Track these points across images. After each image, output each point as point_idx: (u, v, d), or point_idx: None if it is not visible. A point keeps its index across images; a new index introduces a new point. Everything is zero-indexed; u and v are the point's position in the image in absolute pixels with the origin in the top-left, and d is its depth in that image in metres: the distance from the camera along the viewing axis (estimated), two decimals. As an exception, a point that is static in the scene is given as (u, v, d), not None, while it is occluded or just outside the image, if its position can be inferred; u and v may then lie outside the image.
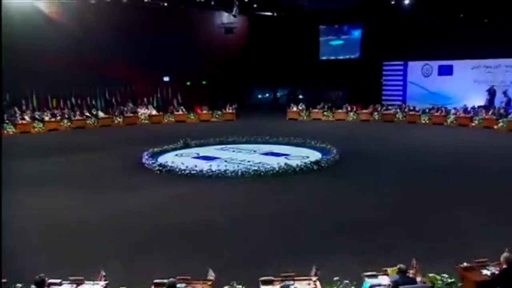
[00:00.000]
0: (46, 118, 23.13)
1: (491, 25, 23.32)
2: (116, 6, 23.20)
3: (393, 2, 23.79)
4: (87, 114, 24.73)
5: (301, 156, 16.15)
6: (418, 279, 6.04)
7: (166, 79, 28.36)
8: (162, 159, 15.94)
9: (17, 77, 21.61)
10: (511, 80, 24.25)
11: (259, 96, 34.27)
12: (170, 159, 16.02)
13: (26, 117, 22.74)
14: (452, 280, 6.33)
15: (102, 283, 6.46)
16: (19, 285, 6.42)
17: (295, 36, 29.64)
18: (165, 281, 6.03)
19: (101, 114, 25.09)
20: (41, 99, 23.94)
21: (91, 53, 23.47)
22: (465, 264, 6.48)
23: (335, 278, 6.32)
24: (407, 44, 26.18)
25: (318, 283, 6.16)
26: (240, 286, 6.31)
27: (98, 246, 8.86)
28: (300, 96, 30.69)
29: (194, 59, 27.59)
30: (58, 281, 6.27)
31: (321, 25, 30.73)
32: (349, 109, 26.08)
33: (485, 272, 6.31)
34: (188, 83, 29.10)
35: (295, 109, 26.96)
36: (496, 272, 6.19)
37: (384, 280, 6.13)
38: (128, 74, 25.49)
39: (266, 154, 16.85)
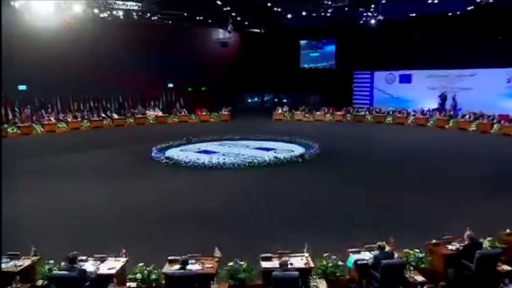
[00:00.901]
0: (69, 119, 22.71)
1: (442, 42, 23.45)
2: (128, 23, 22.88)
3: (361, 22, 23.78)
4: (103, 115, 24.36)
5: (287, 150, 16.04)
6: (396, 254, 5.98)
7: (170, 85, 28.01)
8: (168, 153, 15.72)
9: (44, 85, 21.33)
10: (458, 87, 24.42)
11: (249, 100, 33.97)
12: (175, 153, 15.81)
13: (52, 119, 22.31)
14: (423, 254, 6.28)
15: (123, 259, 6.31)
16: (51, 261, 6.23)
17: (279, 49, 29.61)
18: (178, 258, 5.90)
19: (115, 115, 24.72)
20: (64, 103, 23.53)
21: (106, 63, 23.09)
22: (433, 241, 6.45)
23: (325, 254, 6.21)
24: (373, 57, 26.27)
25: (309, 258, 6.07)
26: (243, 263, 6.16)
27: (118, 227, 8.70)
28: (284, 100, 30.49)
29: (195, 68, 27.31)
30: (84, 257, 6.13)
31: (302, 40, 30.65)
32: (326, 111, 25.93)
33: (450, 247, 6.30)
34: (190, 89, 28.76)
35: (280, 111, 26.77)
36: (460, 248, 6.17)
37: (366, 255, 6.07)
38: (137, 81, 25.11)
39: (258, 148, 16.69)
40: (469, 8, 20.52)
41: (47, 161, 14.95)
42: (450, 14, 21.87)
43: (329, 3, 20.12)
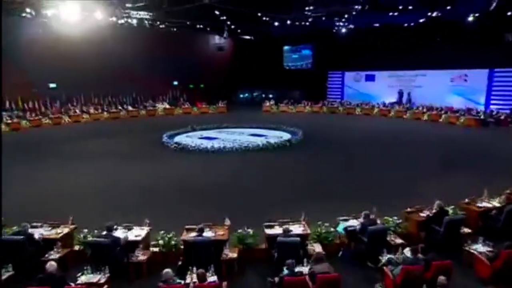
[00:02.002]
0: (91, 111, 22.03)
1: (398, 48, 23.26)
2: (140, 30, 22.17)
3: (334, 30, 23.53)
4: (120, 108, 23.68)
5: (276, 136, 15.80)
6: (378, 221, 5.87)
7: (175, 83, 27.35)
8: (176, 139, 15.34)
9: (70, 83, 20.68)
10: (412, 85, 24.43)
11: (241, 95, 33.38)
12: (182, 139, 15.44)
13: (77, 111, 21.63)
14: (400, 221, 6.18)
15: (147, 228, 6.10)
16: (85, 230, 5.98)
17: (266, 53, 29.10)
18: (194, 226, 5.70)
19: (130, 108, 24.06)
20: (87, 97, 22.81)
21: (122, 65, 22.33)
22: (408, 209, 6.36)
23: (318, 222, 6.06)
24: (344, 59, 26.03)
25: (307, 226, 5.92)
26: (249, 230, 5.98)
27: (137, 201, 8.43)
28: (270, 95, 30.06)
29: (195, 68, 26.65)
30: (114, 226, 5.88)
31: (285, 45, 30.19)
32: (305, 104, 25.70)
33: (422, 214, 6.23)
34: (191, 86, 28.17)
35: (267, 104, 26.39)
36: (430, 214, 6.10)
37: (354, 222, 5.94)
38: (148, 80, 24.50)
39: (252, 135, 16.39)
40: (421, 20, 20.69)
41: (75, 145, 14.51)
42: (406, 25, 21.88)
43: (310, 13, 19.74)
